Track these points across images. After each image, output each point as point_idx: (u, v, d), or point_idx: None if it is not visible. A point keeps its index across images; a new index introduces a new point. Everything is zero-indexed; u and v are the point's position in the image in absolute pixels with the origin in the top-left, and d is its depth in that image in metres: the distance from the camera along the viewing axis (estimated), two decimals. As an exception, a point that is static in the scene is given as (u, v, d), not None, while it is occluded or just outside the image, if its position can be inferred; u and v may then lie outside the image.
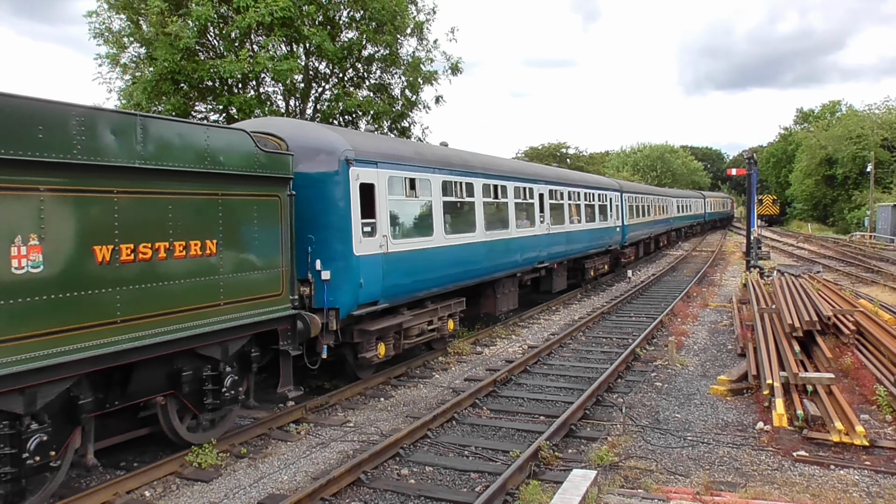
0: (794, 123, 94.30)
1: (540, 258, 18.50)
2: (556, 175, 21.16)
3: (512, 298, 17.27)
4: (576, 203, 22.28)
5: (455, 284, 13.77)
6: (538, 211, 18.37)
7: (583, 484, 6.39)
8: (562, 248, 20.39)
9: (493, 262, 15.37)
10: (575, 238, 21.80)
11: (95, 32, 23.45)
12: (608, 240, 26.33)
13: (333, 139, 10.74)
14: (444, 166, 13.52)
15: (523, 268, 17.49)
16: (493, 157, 17.49)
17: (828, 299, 14.89)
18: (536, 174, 19.28)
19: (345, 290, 10.26)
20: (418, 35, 27.12)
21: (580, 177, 25.32)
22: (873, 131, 62.30)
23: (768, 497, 6.70)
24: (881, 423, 8.93)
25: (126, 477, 7.53)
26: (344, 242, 10.29)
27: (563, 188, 20.95)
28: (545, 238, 18.75)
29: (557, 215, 20.19)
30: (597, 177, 30.62)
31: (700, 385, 11.28)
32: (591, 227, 24.06)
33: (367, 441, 8.96)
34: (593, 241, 24.20)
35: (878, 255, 34.50)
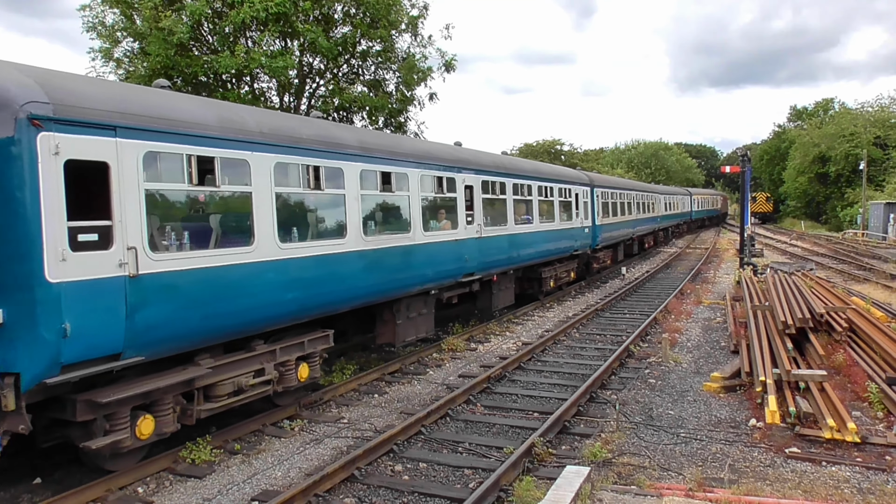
0: (787, 121, 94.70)
1: (467, 269, 14.45)
2: (493, 163, 16.69)
3: (424, 322, 13.31)
4: (525, 199, 18.31)
5: (307, 314, 9.74)
6: (463, 209, 14.31)
7: (576, 480, 6.41)
8: (502, 255, 16.42)
9: (381, 279, 11.32)
10: (523, 242, 17.80)
11: (88, 26, 23.36)
12: (573, 242, 22.45)
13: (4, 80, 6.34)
14: (282, 143, 9.17)
15: (440, 282, 13.44)
16: (384, 135, 14.10)
17: (820, 297, 14.96)
18: (460, 160, 14.77)
19: (28, 343, 6.20)
20: (412, 31, 27.10)
21: (532, 167, 20.65)
22: (866, 129, 62.53)
23: (760, 493, 6.73)
24: (873, 420, 8.99)
25: (119, 473, 7.51)
26: (25, 261, 6.19)
27: (504, 180, 16.81)
28: (474, 243, 14.76)
29: (497, 214, 16.38)
30: (557, 167, 25.03)
31: (693, 382, 11.32)
32: (549, 227, 20.01)
33: (361, 437, 8.96)
34: (552, 245, 20.23)
35: (871, 253, 34.65)
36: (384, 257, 11.37)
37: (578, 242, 23.04)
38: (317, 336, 10.20)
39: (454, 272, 14.04)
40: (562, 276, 21.83)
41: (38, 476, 7.73)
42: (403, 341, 12.73)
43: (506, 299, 17.50)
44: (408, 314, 12.68)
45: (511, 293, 17.95)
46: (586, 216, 24.08)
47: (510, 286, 17.88)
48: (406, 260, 12.09)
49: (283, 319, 9.30)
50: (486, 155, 17.33)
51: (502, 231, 16.47)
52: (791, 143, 78.88)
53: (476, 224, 14.93)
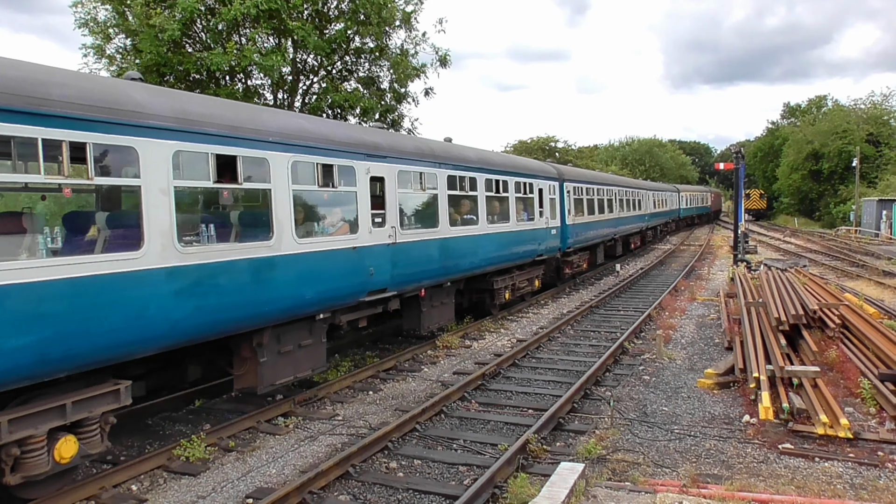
0: (781, 118, 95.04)
1: (373, 284, 11.22)
2: (417, 149, 13.20)
3: (307, 357, 10.17)
4: (468, 195, 15.14)
5: (57, 367, 6.46)
6: (366, 207, 11.08)
7: (571, 477, 6.43)
8: (431, 265, 13.20)
9: (216, 305, 8.06)
10: (463, 248, 14.56)
11: (80, 23, 23.23)
12: (536, 246, 19.21)
13: None
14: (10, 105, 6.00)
15: (330, 304, 10.28)
16: (219, 102, 9.35)
17: (814, 293, 15.02)
18: (364, 144, 11.22)
19: None
20: (406, 27, 27.04)
21: (478, 155, 16.43)
22: (858, 126, 62.83)
23: (754, 489, 6.76)
24: (865, 416, 9.03)
25: (112, 471, 7.49)
26: None
27: (435, 171, 13.53)
28: (384, 252, 11.48)
29: (424, 214, 13.30)
30: (514, 157, 20.72)
31: (687, 378, 11.35)
32: (501, 229, 16.70)
33: (355, 434, 8.96)
34: (506, 251, 17.04)
35: (864, 250, 34.82)
36: (221, 275, 8.04)
37: (543, 245, 19.80)
38: (96, 393, 6.98)
39: (353, 290, 10.74)
40: (522, 285, 18.62)
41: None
42: (272, 384, 9.40)
43: (442, 316, 14.55)
44: (278, 349, 9.46)
45: (450, 309, 14.96)
46: (553, 215, 20.80)
47: (447, 301, 14.79)
48: (266, 277, 8.74)
49: (10, 378, 6.02)
50: (406, 139, 14.28)
51: (431, 234, 13.15)
52: (784, 140, 79.18)
53: (388, 227, 11.62)
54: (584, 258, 25.08)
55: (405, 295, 12.66)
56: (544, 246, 19.92)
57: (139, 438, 8.88)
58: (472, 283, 16.26)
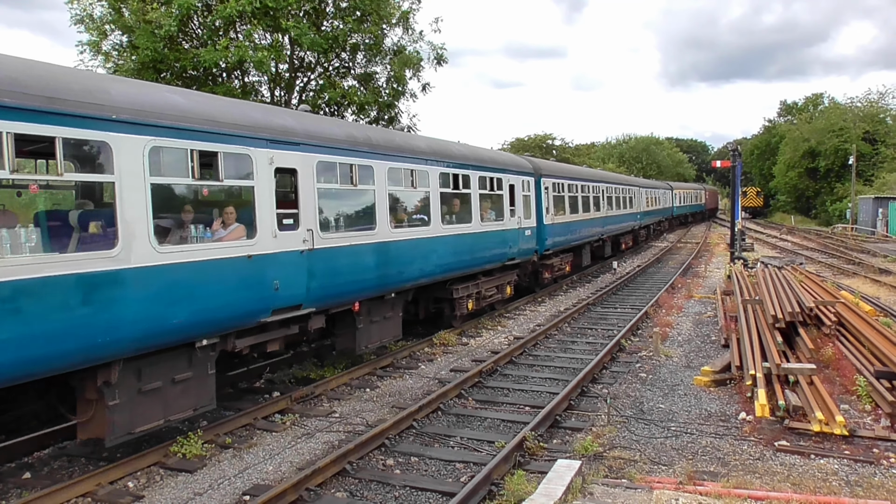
0: (777, 116, 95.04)
1: (281, 301, 9.26)
2: (348, 137, 11.12)
3: (185, 394, 8.20)
4: (414, 191, 13.09)
5: None
6: (270, 206, 9.04)
7: (567, 474, 6.44)
8: (365, 274, 11.21)
9: (15, 339, 6.11)
10: (411, 253, 12.60)
11: (76, 19, 23.14)
12: (506, 249, 17.26)
13: None
14: None
15: (216, 329, 8.39)
16: (39, 63, 6.90)
17: (810, 291, 15.05)
18: (266, 128, 9.21)
19: None
20: (404, 24, 27.01)
21: (429, 145, 14.10)
22: (855, 124, 62.89)
23: (750, 486, 6.77)
24: (861, 413, 9.05)
25: (109, 467, 7.49)
26: None
27: (370, 162, 11.39)
28: (297, 261, 9.51)
29: (353, 214, 11.32)
30: (479, 149, 17.88)
31: (684, 376, 11.37)
32: (461, 230, 14.66)
33: (352, 432, 8.96)
34: (468, 255, 15.02)
35: (860, 247, 34.89)
36: (32, 298, 6.18)
37: (515, 248, 17.86)
38: None
39: (248, 308, 8.74)
40: (489, 293, 16.72)
41: (27, 471, 7.69)
42: (129, 433, 7.54)
43: (385, 333, 12.50)
44: (138, 386, 7.64)
45: (395, 324, 12.82)
46: (528, 214, 18.88)
47: (391, 315, 12.68)
48: (107, 297, 6.89)
49: None
50: (332, 123, 11.98)
51: (365, 238, 11.18)
52: (781, 138, 79.20)
53: (303, 230, 9.66)
54: (566, 261, 23.15)
55: (332, 311, 10.76)
56: (516, 248, 17.91)
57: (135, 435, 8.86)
58: (427, 291, 14.41)
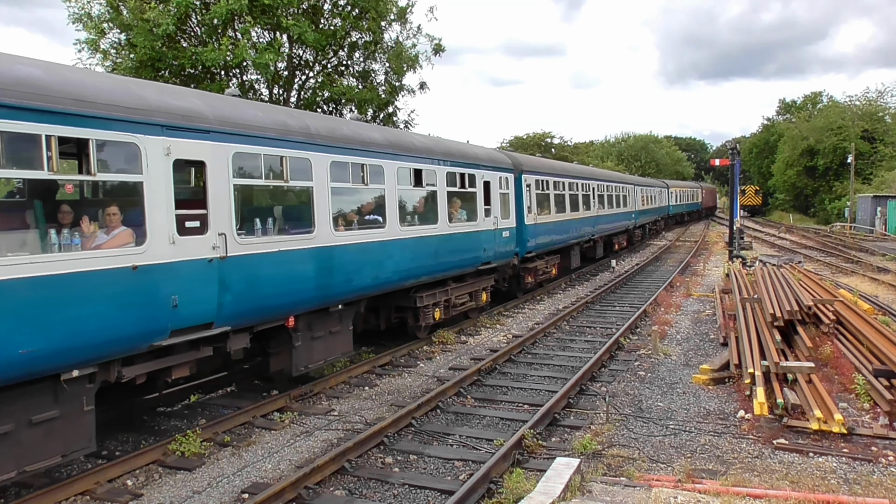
0: (776, 114, 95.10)
1: (185, 318, 7.78)
2: (276, 125, 9.45)
3: (47, 437, 6.66)
4: (364, 188, 11.37)
5: None
6: (167, 206, 7.55)
7: (566, 472, 6.44)
8: (302, 284, 9.65)
9: None
10: (358, 259, 10.96)
11: (74, 18, 23.10)
12: (479, 252, 15.62)
13: None
14: None
15: (88, 357, 6.86)
16: None
17: (808, 289, 15.06)
18: (158, 110, 7.63)
19: None
20: (402, 21, 27.02)
21: (384, 137, 12.41)
22: (854, 123, 62.97)
23: (748, 484, 6.77)
24: (859, 412, 9.06)
25: (107, 465, 7.48)
26: None
27: (307, 154, 9.82)
28: (201, 270, 7.96)
29: (284, 215, 9.79)
30: (440, 140, 15.66)
31: (683, 374, 11.38)
32: (425, 232, 13.13)
33: (351, 430, 8.96)
34: (433, 260, 13.43)
35: (858, 246, 34.91)
36: None
37: (491, 251, 16.26)
38: None
39: (134, 331, 7.23)
40: (460, 300, 15.19)
41: (25, 470, 7.67)
42: None
43: (331, 349, 10.90)
44: None
45: (344, 339, 11.23)
46: (506, 213, 17.29)
47: (340, 329, 11.08)
48: None
49: None
50: (254, 107, 9.78)
51: (300, 243, 9.60)
52: (780, 137, 79.26)
53: (212, 234, 8.07)
54: (552, 263, 21.59)
55: (258, 328, 9.17)
56: (492, 251, 16.37)
57: (134, 433, 8.87)
58: (388, 300, 13.02)
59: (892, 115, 64.67)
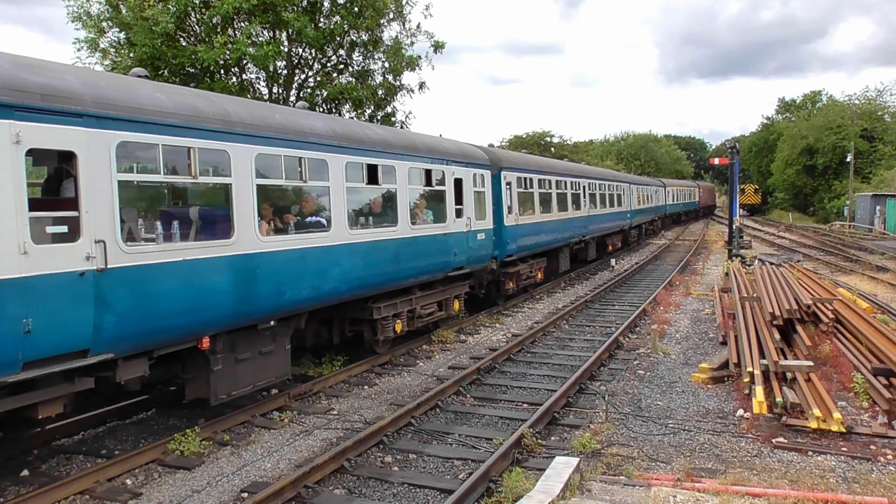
0: (776, 113, 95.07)
1: (45, 348, 6.27)
2: (181, 109, 7.90)
3: None
4: (303, 185, 9.99)
5: None
6: (2, 209, 5.91)
7: (565, 471, 6.44)
8: (216, 299, 8.16)
9: None
10: (294, 268, 9.46)
11: (74, 16, 23.07)
12: (449, 257, 14.08)
13: None
14: None
15: None
16: None
17: (808, 288, 15.07)
18: (6, 87, 6.01)
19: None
20: (400, 19, 26.99)
21: (329, 127, 10.74)
22: (853, 121, 62.99)
23: (747, 483, 6.78)
24: (858, 410, 9.07)
25: (107, 464, 7.48)
26: None
27: (225, 147, 8.33)
28: (70, 287, 6.48)
29: (194, 217, 8.43)
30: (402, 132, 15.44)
31: (682, 373, 11.38)
32: (381, 235, 11.60)
33: (350, 429, 8.96)
34: (391, 265, 11.87)
35: (857, 245, 34.92)
36: None
37: (464, 255, 14.71)
38: None
39: None
40: (427, 310, 13.69)
41: (25, 468, 7.68)
42: None
43: (261, 373, 9.39)
44: None
45: (279, 359, 9.71)
46: (481, 214, 15.80)
47: (273, 349, 9.56)
48: None
49: None
50: (151, 87, 7.96)
51: (215, 250, 8.07)
52: (779, 135, 79.22)
53: (87, 241, 6.64)
54: (537, 267, 20.23)
55: (159, 353, 7.71)
56: (465, 256, 14.80)
57: (133, 432, 8.87)
58: (340, 311, 11.59)
59: (891, 113, 64.70)
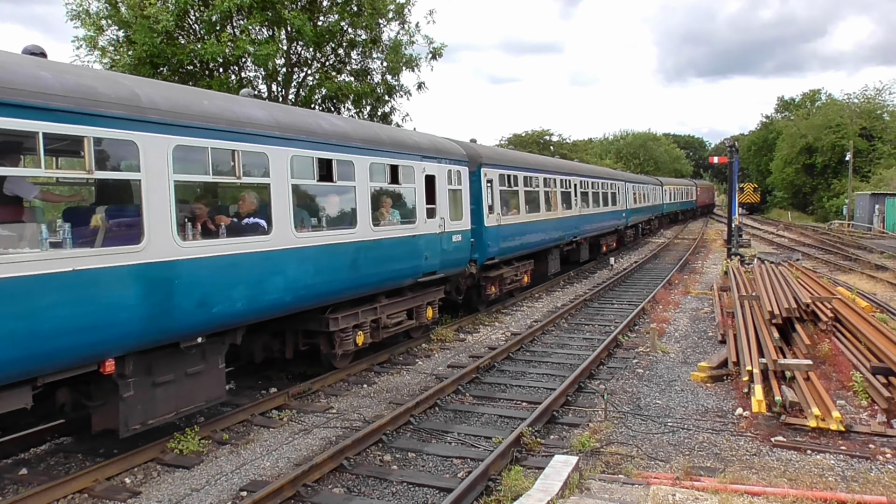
0: (775, 112, 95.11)
1: None
2: (76, 94, 6.49)
3: None
4: (248, 181, 8.89)
5: None
6: None
7: (564, 469, 6.44)
8: (122, 314, 6.89)
9: None
10: (226, 275, 8.22)
11: (73, 14, 23.05)
12: (418, 261, 12.82)
13: None
14: None
15: None
16: None
17: (807, 287, 15.08)
18: None
19: None
20: (400, 19, 26.98)
21: (271, 116, 9.30)
22: (852, 120, 63.07)
23: (746, 482, 6.78)
24: (857, 409, 9.08)
25: (106, 463, 7.48)
26: None
27: (132, 136, 7.01)
28: None
29: (90, 220, 7.32)
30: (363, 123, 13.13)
31: (681, 372, 11.39)
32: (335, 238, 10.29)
33: (349, 427, 8.95)
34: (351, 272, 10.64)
35: (856, 244, 34.94)
36: None
37: (436, 259, 13.49)
38: None
39: None
40: (394, 319, 12.47)
41: (23, 467, 7.68)
42: None
43: (189, 397, 8.16)
44: None
45: (209, 381, 8.47)
46: (457, 213, 14.54)
47: (201, 369, 8.30)
48: None
49: None
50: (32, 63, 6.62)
51: (118, 258, 6.87)
52: (778, 134, 79.30)
53: None
54: (524, 270, 19.19)
55: (47, 381, 6.54)
56: (438, 259, 13.58)
57: (133, 431, 8.85)
58: (293, 322, 10.38)
59: (890, 112, 64.74)
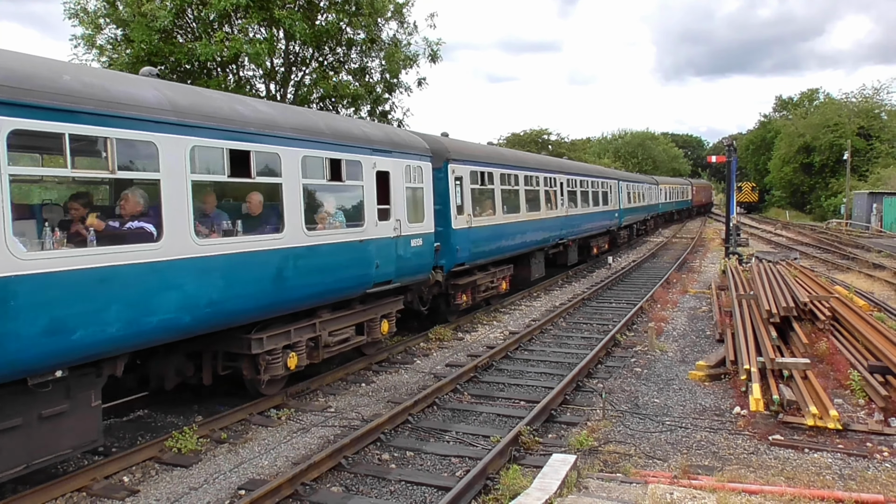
0: (773, 111, 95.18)
1: None
2: None
3: None
4: (139, 176, 7.38)
5: None
6: None
7: (562, 468, 6.45)
8: None
9: None
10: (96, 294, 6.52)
11: (70, 13, 23.00)
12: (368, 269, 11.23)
13: None
14: None
15: None
16: None
17: (804, 286, 15.10)
18: None
19: None
20: (398, 18, 26.95)
21: (164, 100, 7.44)
22: (850, 119, 63.13)
23: (744, 480, 6.80)
24: (854, 408, 9.09)
25: (104, 462, 7.48)
26: None
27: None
28: None
29: None
30: (301, 112, 10.95)
31: (679, 370, 11.40)
32: (259, 245, 8.74)
33: (348, 426, 8.96)
34: (278, 284, 9.04)
35: (854, 243, 34.99)
36: None
37: (391, 266, 11.95)
38: None
39: None
40: (338, 337, 10.86)
41: (22, 466, 7.66)
42: None
43: (49, 442, 6.61)
44: None
45: (78, 422, 6.87)
46: (417, 214, 12.97)
47: (68, 408, 6.74)
48: None
49: None
50: None
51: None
52: (776, 134, 79.34)
53: None
54: (500, 276, 17.45)
55: None
56: (393, 267, 12.01)
57: (130, 430, 8.86)
58: (210, 343, 8.92)
59: (888, 111, 64.83)
